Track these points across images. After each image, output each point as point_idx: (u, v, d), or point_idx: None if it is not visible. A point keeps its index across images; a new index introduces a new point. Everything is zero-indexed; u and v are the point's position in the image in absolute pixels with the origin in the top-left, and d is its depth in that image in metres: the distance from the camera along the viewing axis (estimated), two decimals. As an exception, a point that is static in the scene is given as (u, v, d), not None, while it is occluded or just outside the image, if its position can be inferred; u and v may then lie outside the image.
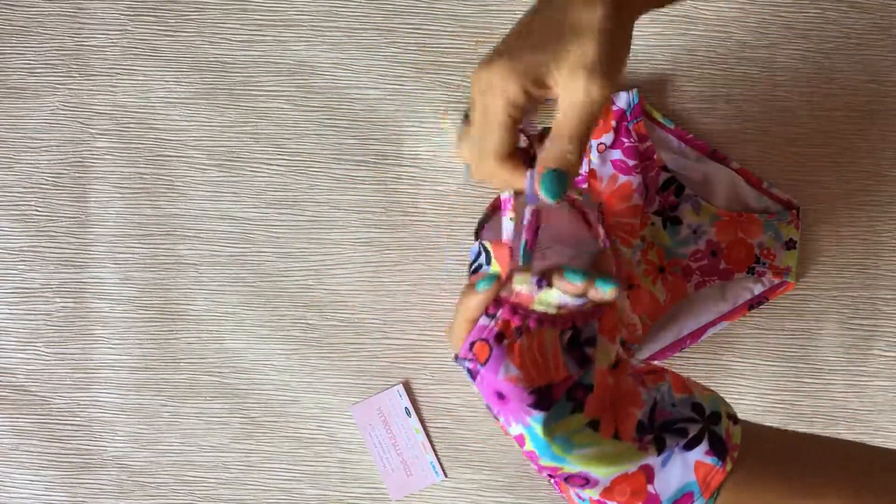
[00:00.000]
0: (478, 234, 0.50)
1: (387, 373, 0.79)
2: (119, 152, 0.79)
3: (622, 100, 0.75)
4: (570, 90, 0.44)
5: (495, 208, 0.52)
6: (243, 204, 0.79)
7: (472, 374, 0.46)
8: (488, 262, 0.46)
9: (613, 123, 0.75)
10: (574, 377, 0.45)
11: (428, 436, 0.79)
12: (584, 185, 0.75)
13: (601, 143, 0.75)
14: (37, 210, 0.80)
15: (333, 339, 0.79)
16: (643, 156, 0.75)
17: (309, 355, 0.79)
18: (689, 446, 0.46)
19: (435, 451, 0.79)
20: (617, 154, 0.75)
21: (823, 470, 0.47)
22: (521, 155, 0.47)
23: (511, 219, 0.47)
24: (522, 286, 0.45)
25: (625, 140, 0.74)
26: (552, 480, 0.48)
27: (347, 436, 0.79)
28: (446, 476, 0.79)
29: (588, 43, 0.43)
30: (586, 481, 0.46)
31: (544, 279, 0.44)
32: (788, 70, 0.77)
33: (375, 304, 0.79)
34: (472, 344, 0.45)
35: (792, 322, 0.77)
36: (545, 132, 0.49)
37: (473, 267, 0.48)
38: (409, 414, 0.78)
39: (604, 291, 0.45)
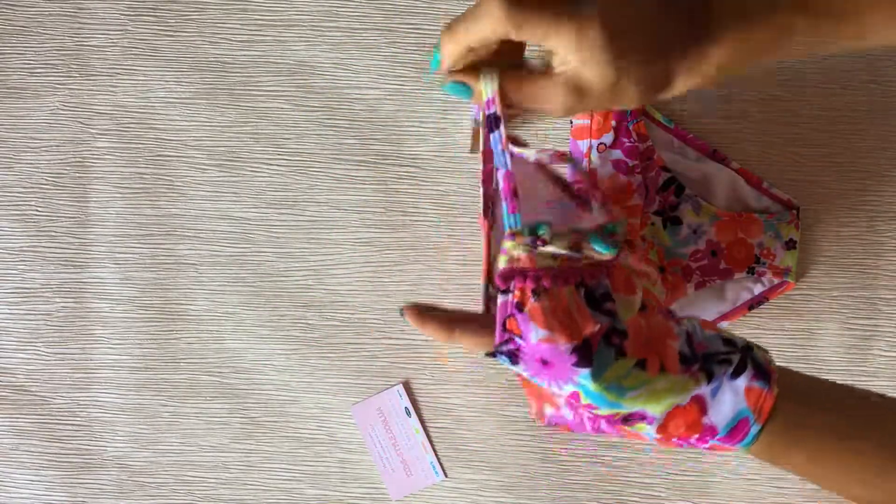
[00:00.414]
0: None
1: (387, 373, 0.79)
2: (119, 152, 0.79)
3: (622, 100, 0.74)
4: (556, 90, 0.44)
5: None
6: (243, 204, 0.79)
7: (515, 355, 0.46)
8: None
9: (613, 123, 0.75)
10: (606, 326, 0.46)
11: (428, 436, 0.79)
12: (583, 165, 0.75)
13: (601, 143, 0.75)
14: (37, 210, 0.80)
15: (333, 339, 0.79)
16: (643, 156, 0.75)
17: (309, 355, 0.79)
18: (736, 374, 0.47)
19: (435, 451, 0.79)
20: (617, 154, 0.75)
21: (853, 401, 0.51)
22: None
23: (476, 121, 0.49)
24: (519, 250, 0.45)
25: (625, 140, 0.74)
26: (612, 428, 0.49)
27: (347, 436, 0.79)
28: (446, 476, 0.79)
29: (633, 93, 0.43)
30: (643, 418, 0.47)
31: (538, 240, 0.45)
32: (788, 70, 0.77)
33: (375, 304, 0.79)
34: (504, 324, 0.46)
35: (792, 322, 0.77)
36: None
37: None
38: (409, 414, 0.78)
39: (600, 252, 0.46)
